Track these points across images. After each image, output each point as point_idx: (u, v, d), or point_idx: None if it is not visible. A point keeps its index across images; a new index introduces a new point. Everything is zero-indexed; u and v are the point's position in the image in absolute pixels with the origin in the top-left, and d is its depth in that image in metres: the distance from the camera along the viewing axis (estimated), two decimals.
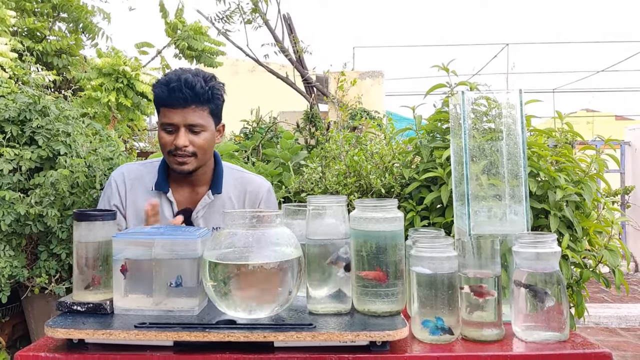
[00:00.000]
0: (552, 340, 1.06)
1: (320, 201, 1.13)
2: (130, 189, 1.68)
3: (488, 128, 1.28)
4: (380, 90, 5.67)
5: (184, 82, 1.53)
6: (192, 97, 1.54)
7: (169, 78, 1.55)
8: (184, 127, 1.56)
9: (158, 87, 1.56)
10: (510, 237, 1.19)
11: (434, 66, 2.08)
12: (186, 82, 1.53)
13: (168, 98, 1.54)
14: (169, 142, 1.57)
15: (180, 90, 1.52)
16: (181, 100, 1.54)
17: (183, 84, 1.53)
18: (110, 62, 3.86)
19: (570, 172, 1.82)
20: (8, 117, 2.07)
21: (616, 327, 4.69)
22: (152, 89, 1.60)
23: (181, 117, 1.55)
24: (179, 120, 1.55)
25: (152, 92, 1.61)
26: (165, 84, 1.55)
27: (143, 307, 1.12)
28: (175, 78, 1.54)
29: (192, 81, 1.54)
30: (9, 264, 1.95)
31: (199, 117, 1.57)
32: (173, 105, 1.55)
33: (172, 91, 1.53)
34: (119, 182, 1.68)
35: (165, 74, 1.60)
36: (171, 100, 1.54)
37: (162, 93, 1.55)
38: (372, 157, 2.19)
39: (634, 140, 7.21)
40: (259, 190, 1.75)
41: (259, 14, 4.65)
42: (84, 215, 1.17)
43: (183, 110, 1.55)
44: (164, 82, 1.55)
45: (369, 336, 1.00)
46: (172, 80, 1.54)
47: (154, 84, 1.60)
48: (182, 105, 1.54)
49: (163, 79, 1.57)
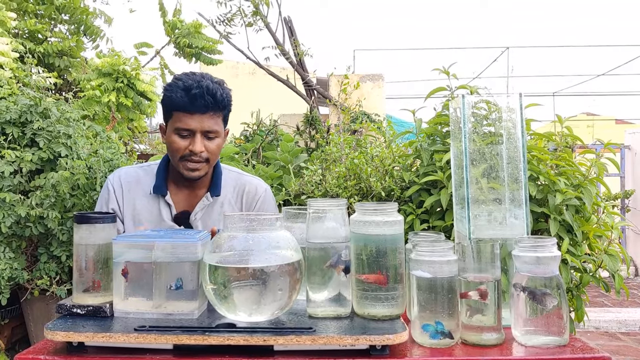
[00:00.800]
0: (551, 344, 1.06)
1: (321, 204, 1.14)
2: (127, 192, 1.67)
3: (488, 132, 1.28)
4: (380, 93, 5.68)
5: (206, 89, 1.53)
6: (212, 104, 1.54)
7: (187, 84, 1.53)
8: (200, 133, 1.56)
9: (176, 92, 1.53)
10: (510, 241, 1.19)
11: (434, 69, 2.08)
12: (208, 89, 1.53)
13: (188, 104, 1.52)
14: (183, 147, 1.56)
15: (202, 97, 1.52)
16: (202, 107, 1.53)
17: (205, 91, 1.52)
18: (109, 62, 3.87)
19: (570, 176, 1.82)
20: (9, 118, 2.07)
21: (616, 332, 4.68)
22: (165, 92, 1.58)
23: (199, 123, 1.55)
24: (196, 126, 1.55)
25: (164, 95, 1.58)
26: (184, 89, 1.52)
27: (143, 310, 1.12)
28: (195, 84, 1.53)
29: (213, 88, 1.54)
30: (9, 266, 1.95)
31: (215, 123, 1.58)
32: (191, 111, 1.54)
33: (193, 98, 1.52)
34: (116, 186, 1.68)
35: (177, 78, 1.58)
36: (192, 106, 1.53)
37: (180, 98, 1.53)
38: (372, 160, 2.19)
39: (634, 144, 7.21)
40: (257, 191, 1.75)
41: (260, 16, 4.66)
42: (84, 217, 1.17)
43: (201, 116, 1.55)
44: (183, 88, 1.53)
45: (368, 340, 1.00)
46: (192, 87, 1.52)
47: (169, 87, 1.57)
48: (201, 111, 1.54)
49: (180, 83, 1.54)
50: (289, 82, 4.84)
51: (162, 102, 1.61)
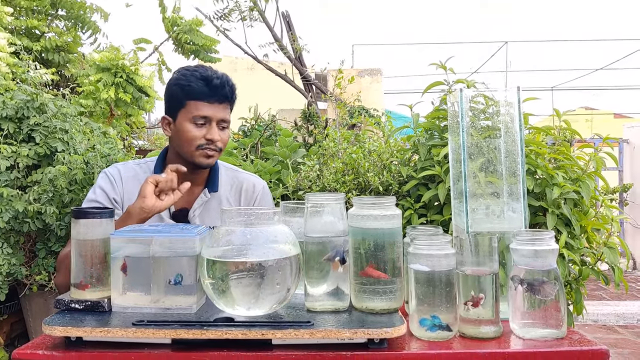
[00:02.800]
0: (549, 337, 1.06)
1: (319, 199, 1.13)
2: (126, 187, 1.67)
3: (486, 126, 1.28)
4: (378, 88, 5.67)
5: (226, 79, 1.59)
6: (230, 95, 1.61)
7: (206, 74, 1.57)
8: (215, 122, 1.59)
9: (195, 82, 1.56)
10: (508, 234, 1.19)
11: (432, 64, 2.07)
12: (227, 80, 1.60)
13: (209, 93, 1.56)
14: (200, 136, 1.58)
15: (223, 87, 1.58)
16: (222, 96, 1.58)
17: (225, 82, 1.59)
18: (108, 57, 3.85)
19: (569, 169, 1.83)
20: (6, 114, 2.07)
21: (614, 325, 4.70)
22: (180, 82, 1.59)
23: (217, 112, 1.59)
24: (214, 115, 1.58)
25: (177, 85, 1.59)
26: (203, 79, 1.56)
27: (141, 304, 1.12)
28: (214, 75, 1.58)
29: (229, 79, 1.61)
30: (7, 262, 1.95)
31: (228, 113, 1.64)
32: (211, 100, 1.57)
33: (215, 87, 1.56)
34: (117, 178, 1.67)
35: (190, 69, 1.60)
36: (212, 96, 1.57)
37: (200, 87, 1.56)
38: (370, 155, 2.19)
39: (632, 138, 7.21)
40: (255, 188, 1.75)
41: (258, 11, 4.64)
42: (82, 212, 1.17)
43: (219, 106, 1.59)
44: (201, 78, 1.56)
45: (367, 333, 1.00)
46: (212, 77, 1.57)
47: (183, 77, 1.58)
48: (220, 101, 1.59)
49: (196, 73, 1.58)
50: (287, 77, 4.83)
51: (173, 93, 1.61)
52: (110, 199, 1.64)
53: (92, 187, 1.69)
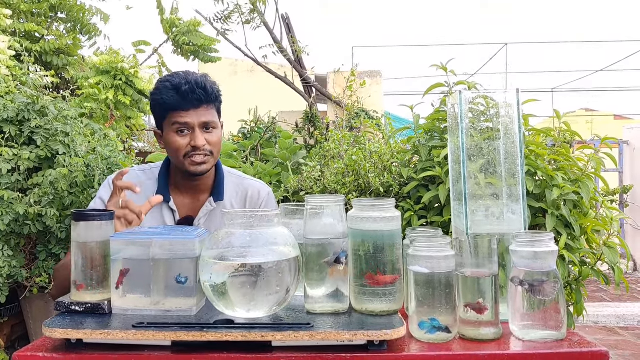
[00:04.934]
0: (549, 339, 1.06)
1: (318, 201, 1.14)
2: (131, 194, 1.66)
3: (486, 127, 1.28)
4: (378, 90, 5.68)
5: (195, 83, 1.53)
6: (205, 97, 1.55)
7: (175, 82, 1.53)
8: (198, 127, 1.56)
9: (166, 93, 1.53)
10: (507, 236, 1.19)
11: (432, 65, 2.07)
12: (196, 83, 1.54)
13: (181, 101, 1.53)
14: (185, 145, 1.55)
15: (193, 91, 1.52)
16: (195, 101, 1.54)
17: (195, 85, 1.53)
18: (107, 60, 3.86)
19: (568, 171, 1.82)
20: (7, 117, 2.07)
21: (615, 326, 4.70)
22: (154, 97, 1.57)
23: (195, 117, 1.55)
24: (193, 121, 1.55)
25: (154, 100, 1.58)
26: (173, 88, 1.53)
27: (141, 307, 1.12)
28: (183, 81, 1.53)
29: (201, 81, 1.55)
30: (8, 264, 1.95)
31: (210, 115, 1.58)
32: (186, 108, 1.54)
33: (184, 94, 1.52)
34: None
35: (162, 80, 1.57)
36: (185, 103, 1.53)
37: (171, 98, 1.53)
38: (370, 157, 2.19)
39: (632, 140, 7.21)
40: (260, 195, 1.74)
41: (257, 13, 4.64)
42: (82, 215, 1.17)
43: (196, 110, 1.55)
44: (172, 87, 1.53)
45: (366, 335, 1.00)
46: (180, 84, 1.52)
47: (156, 91, 1.56)
48: (195, 106, 1.54)
49: (167, 84, 1.54)
50: (287, 79, 4.84)
51: (153, 107, 1.60)
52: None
53: (94, 197, 1.68)
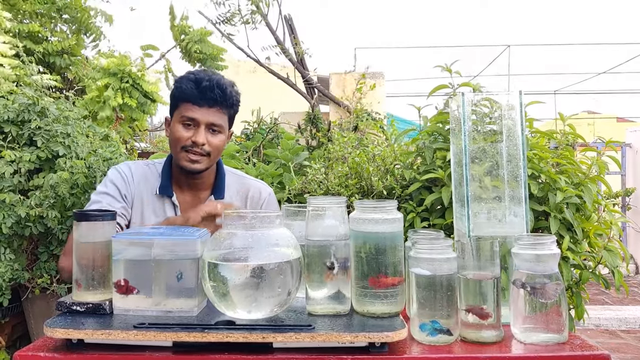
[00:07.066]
0: (550, 342, 1.06)
1: (320, 202, 1.13)
2: (137, 186, 1.66)
3: (489, 130, 1.27)
4: (381, 91, 5.67)
5: (216, 83, 1.56)
6: (220, 99, 1.57)
7: (199, 76, 1.57)
8: (204, 126, 1.57)
9: (186, 83, 1.57)
10: (509, 238, 1.18)
11: (436, 66, 2.07)
12: (218, 83, 1.56)
13: (197, 96, 1.55)
14: (186, 137, 1.57)
15: (211, 90, 1.55)
16: (211, 100, 1.56)
17: (215, 85, 1.56)
18: (116, 62, 3.86)
19: (571, 174, 1.82)
20: (7, 118, 2.07)
21: (616, 329, 4.69)
22: (176, 84, 1.61)
23: (205, 116, 1.57)
24: (201, 118, 1.57)
25: (174, 86, 1.61)
26: (194, 81, 1.56)
27: (142, 307, 1.12)
28: (206, 77, 1.56)
29: (223, 84, 1.58)
30: (10, 267, 1.95)
31: (220, 118, 1.60)
32: (199, 103, 1.56)
33: (203, 90, 1.55)
34: (128, 175, 1.66)
35: (190, 72, 1.61)
36: (200, 99, 1.56)
37: (190, 89, 1.56)
38: (373, 159, 2.19)
39: (635, 142, 7.20)
40: (261, 195, 1.74)
41: (260, 15, 4.65)
42: (83, 215, 1.17)
43: (209, 109, 1.57)
44: (193, 80, 1.56)
45: (367, 337, 1.00)
46: (202, 79, 1.56)
47: (179, 79, 1.60)
48: (209, 104, 1.57)
49: (191, 76, 1.58)
50: (289, 80, 4.84)
51: (171, 94, 1.62)
52: (122, 194, 1.63)
53: (103, 180, 1.68)
